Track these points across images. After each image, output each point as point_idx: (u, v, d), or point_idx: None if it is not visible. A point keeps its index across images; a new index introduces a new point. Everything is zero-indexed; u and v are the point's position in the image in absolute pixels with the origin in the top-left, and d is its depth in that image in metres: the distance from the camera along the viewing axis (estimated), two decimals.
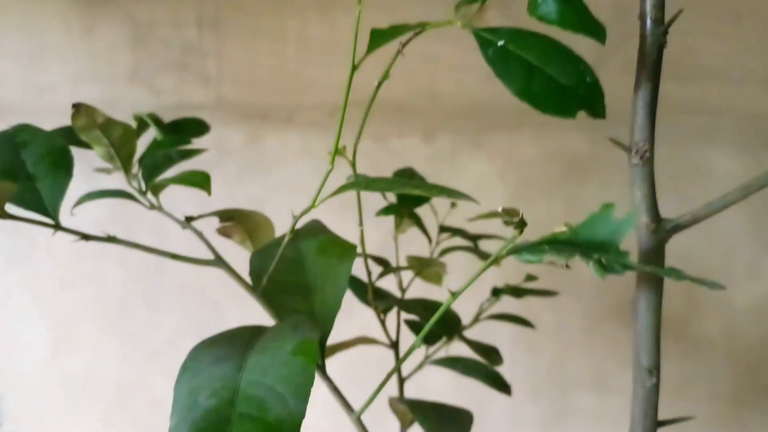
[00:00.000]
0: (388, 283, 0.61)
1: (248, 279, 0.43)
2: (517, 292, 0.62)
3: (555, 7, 0.32)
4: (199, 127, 0.56)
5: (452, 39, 0.71)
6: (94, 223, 0.55)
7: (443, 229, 0.63)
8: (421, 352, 0.55)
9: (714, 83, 0.78)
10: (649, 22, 0.36)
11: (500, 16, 0.80)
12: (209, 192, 0.45)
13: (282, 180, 0.93)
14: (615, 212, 0.33)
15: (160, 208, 0.49)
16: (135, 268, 0.93)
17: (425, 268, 0.54)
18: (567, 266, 0.34)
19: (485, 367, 0.56)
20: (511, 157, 0.84)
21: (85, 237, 0.42)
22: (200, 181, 0.44)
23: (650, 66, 0.36)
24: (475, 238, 0.63)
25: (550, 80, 0.35)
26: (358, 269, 0.58)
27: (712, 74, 0.78)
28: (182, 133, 0.53)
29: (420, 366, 0.59)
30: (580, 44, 0.38)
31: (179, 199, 0.57)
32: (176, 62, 0.96)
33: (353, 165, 0.50)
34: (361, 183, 0.36)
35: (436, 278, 0.55)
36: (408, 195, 0.56)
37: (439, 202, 0.62)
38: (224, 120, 0.95)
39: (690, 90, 0.79)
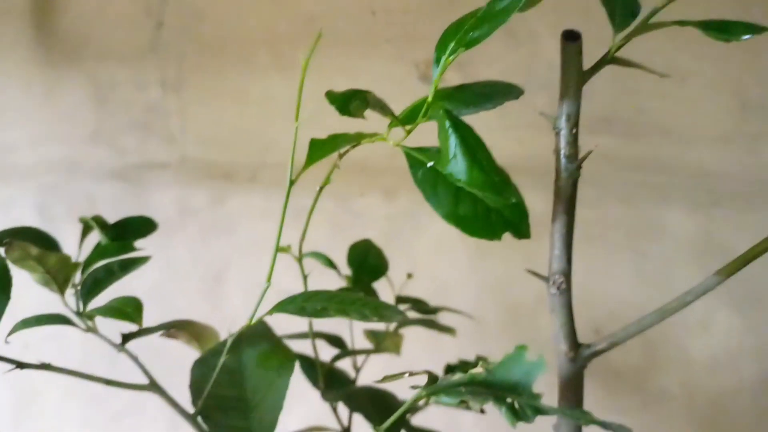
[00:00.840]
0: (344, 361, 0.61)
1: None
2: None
3: (464, 167, 0.33)
4: (146, 226, 0.55)
5: (412, 99, 0.73)
6: None
7: (400, 300, 0.63)
8: None
9: (665, 141, 0.81)
10: (563, 158, 0.37)
11: (458, 77, 0.83)
12: (140, 324, 0.45)
13: (246, 240, 0.93)
14: (528, 354, 0.35)
15: (95, 331, 0.48)
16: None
17: (381, 343, 0.55)
18: (482, 411, 0.35)
19: None
20: None
21: (20, 365, 0.42)
22: (131, 313, 0.44)
23: (565, 199, 0.38)
24: (433, 310, 0.63)
25: (476, 203, 0.36)
26: (310, 349, 0.58)
27: (663, 133, 0.81)
28: (128, 233, 0.53)
29: None
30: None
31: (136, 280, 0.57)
32: (139, 122, 0.97)
33: (300, 260, 0.51)
34: (297, 301, 0.37)
35: (394, 348, 0.55)
36: (364, 269, 0.57)
37: (396, 273, 0.63)
38: (188, 179, 0.95)
39: (642, 148, 0.81)
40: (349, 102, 0.36)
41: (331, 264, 0.60)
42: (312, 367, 0.57)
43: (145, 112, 0.97)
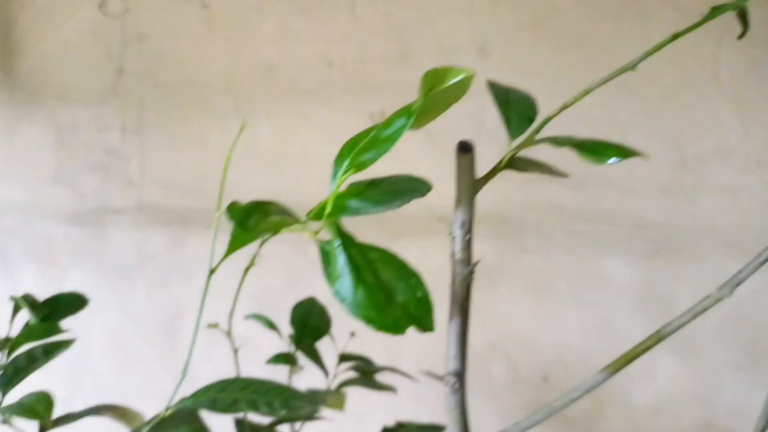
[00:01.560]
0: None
1: None
2: None
3: (349, 286, 0.34)
4: (77, 303, 0.55)
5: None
6: None
7: (344, 358, 0.64)
8: None
9: (608, 192, 0.84)
10: (457, 263, 0.38)
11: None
12: (48, 425, 0.45)
13: (204, 285, 0.94)
14: None
15: (10, 424, 0.49)
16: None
17: (324, 401, 0.56)
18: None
19: None
20: (423, 265, 0.87)
21: None
22: (41, 411, 0.44)
23: (459, 301, 0.38)
24: (374, 370, 0.64)
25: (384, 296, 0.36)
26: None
27: (606, 184, 0.84)
28: (59, 310, 0.53)
29: None
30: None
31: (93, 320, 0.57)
32: (99, 165, 0.98)
33: (229, 335, 0.52)
34: (212, 392, 0.38)
35: (338, 405, 0.57)
36: (307, 330, 0.58)
37: (339, 332, 0.64)
38: (146, 223, 0.96)
39: (586, 199, 0.84)
40: (250, 216, 0.37)
41: (271, 326, 0.61)
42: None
43: (105, 156, 0.98)
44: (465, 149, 0.37)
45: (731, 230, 0.82)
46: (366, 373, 0.61)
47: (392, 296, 0.34)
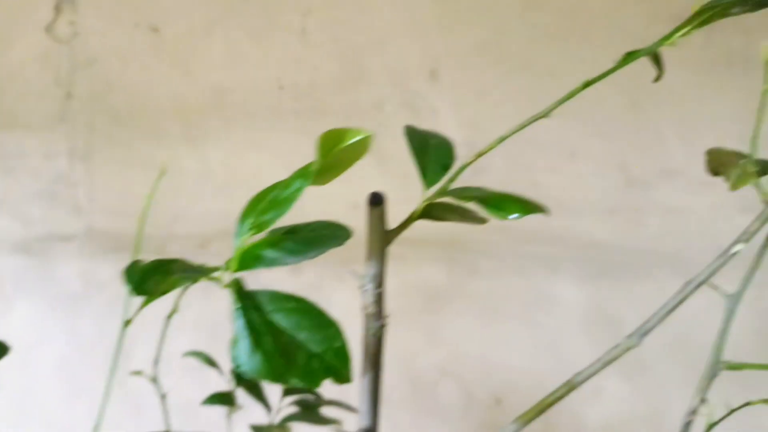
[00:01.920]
0: None
1: None
2: None
3: (246, 351, 0.33)
4: None
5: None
6: None
7: (287, 392, 0.63)
8: None
9: (557, 214, 0.85)
10: (368, 316, 0.38)
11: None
12: None
13: (153, 313, 0.92)
14: None
15: None
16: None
17: None
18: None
19: None
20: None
21: None
22: None
23: (371, 355, 0.38)
24: (318, 404, 0.63)
25: (299, 348, 0.35)
26: None
27: (555, 205, 0.85)
28: None
29: None
30: None
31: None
32: (46, 192, 0.96)
33: (154, 381, 0.51)
34: None
35: None
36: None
37: None
38: (94, 251, 0.94)
39: (536, 220, 0.85)
40: (149, 277, 0.36)
41: (211, 363, 0.60)
42: None
43: (52, 183, 0.96)
44: (376, 201, 0.36)
45: (677, 250, 0.83)
46: (310, 407, 0.60)
47: (295, 357, 0.34)
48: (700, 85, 0.83)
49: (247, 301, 0.34)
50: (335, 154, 0.35)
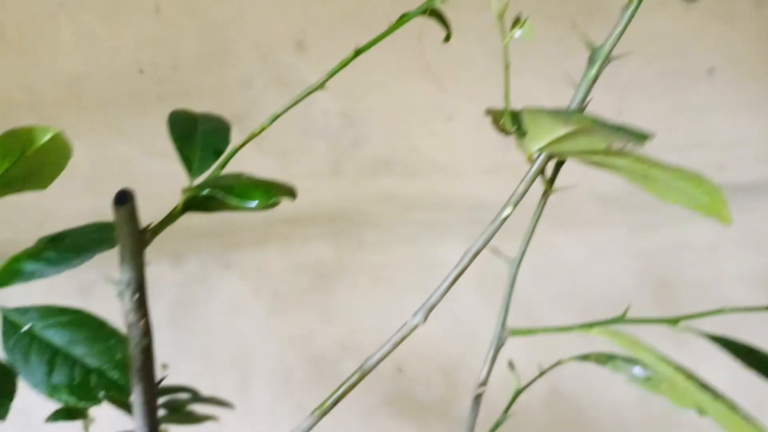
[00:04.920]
0: None
1: None
2: None
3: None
4: None
5: None
6: None
7: (163, 391, 0.59)
8: None
9: (440, 178, 0.85)
10: (127, 326, 0.35)
11: (237, 131, 0.82)
12: None
13: None
14: None
15: None
16: None
17: None
18: None
19: None
20: (262, 273, 0.85)
21: None
22: None
23: (138, 369, 0.35)
24: (185, 403, 0.60)
25: (74, 364, 0.34)
26: None
27: (438, 170, 0.85)
28: None
29: None
30: None
31: None
32: None
33: None
34: None
35: None
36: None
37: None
38: None
39: (420, 186, 0.85)
40: None
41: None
42: None
43: None
44: (122, 200, 0.33)
45: (558, 200, 0.85)
46: (177, 407, 0.57)
47: (71, 374, 0.33)
48: (562, 40, 0.84)
49: (15, 324, 0.32)
50: (32, 158, 0.32)
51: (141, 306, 0.34)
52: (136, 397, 0.34)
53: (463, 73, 0.84)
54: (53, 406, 0.59)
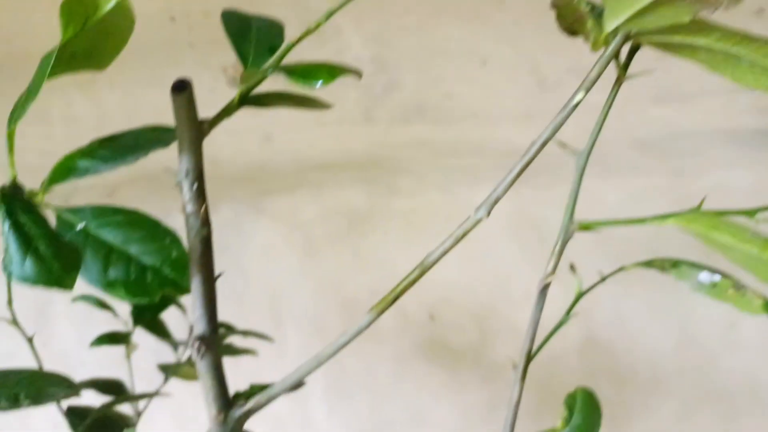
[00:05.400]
0: None
1: None
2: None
3: (18, 259, 0.31)
4: None
5: (224, 103, 0.71)
6: None
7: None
8: None
9: (474, 124, 0.84)
10: (187, 216, 0.35)
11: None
12: None
13: None
14: None
15: None
16: None
17: (177, 373, 0.53)
18: None
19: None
20: (294, 219, 0.85)
21: None
22: None
23: (197, 258, 0.35)
24: (224, 336, 0.61)
25: (130, 261, 0.34)
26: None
27: (472, 116, 0.84)
28: None
29: None
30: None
31: None
32: None
33: (15, 323, 0.50)
34: None
35: (191, 375, 0.54)
36: (147, 304, 0.54)
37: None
38: None
39: (454, 133, 0.84)
40: None
41: (104, 305, 0.57)
42: (82, 418, 0.53)
43: None
44: (179, 88, 0.33)
45: (597, 148, 0.83)
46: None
47: (127, 272, 0.33)
48: None
49: (14, 204, 0.32)
50: (95, 28, 0.31)
51: (200, 195, 0.34)
52: (195, 287, 0.35)
53: (498, 14, 0.82)
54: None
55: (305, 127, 0.86)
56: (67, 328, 0.88)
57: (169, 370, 0.55)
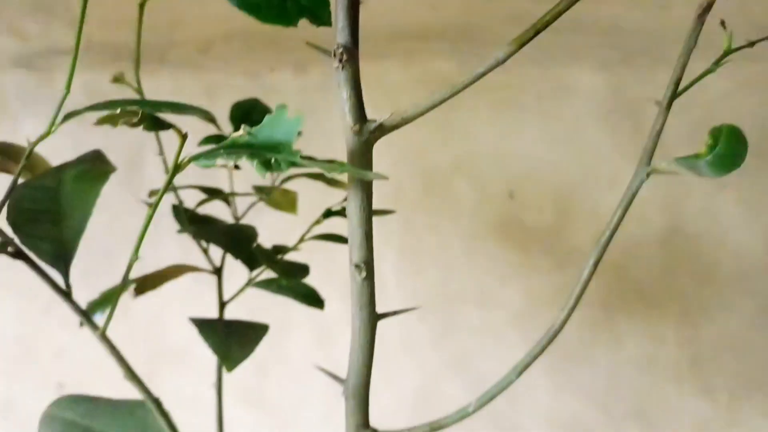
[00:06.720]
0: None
1: None
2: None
3: None
4: None
5: None
6: None
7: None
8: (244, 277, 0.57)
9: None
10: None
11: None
12: None
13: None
14: (287, 113, 0.34)
15: None
16: None
17: (268, 195, 0.53)
18: (236, 167, 0.40)
19: (300, 285, 0.57)
20: (381, 84, 0.84)
21: None
22: None
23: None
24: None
25: None
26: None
27: None
28: None
29: (242, 289, 0.58)
30: None
31: None
32: (41, 5, 0.92)
33: (139, 90, 0.54)
34: None
35: (289, 206, 0.54)
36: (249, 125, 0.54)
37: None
38: (93, 63, 0.91)
39: (551, 6, 0.80)
40: None
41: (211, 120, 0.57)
42: (184, 212, 0.58)
43: None
44: None
45: (702, 33, 0.79)
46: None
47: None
48: None
49: None
50: None
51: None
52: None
53: None
54: None
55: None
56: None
57: (264, 191, 0.56)
